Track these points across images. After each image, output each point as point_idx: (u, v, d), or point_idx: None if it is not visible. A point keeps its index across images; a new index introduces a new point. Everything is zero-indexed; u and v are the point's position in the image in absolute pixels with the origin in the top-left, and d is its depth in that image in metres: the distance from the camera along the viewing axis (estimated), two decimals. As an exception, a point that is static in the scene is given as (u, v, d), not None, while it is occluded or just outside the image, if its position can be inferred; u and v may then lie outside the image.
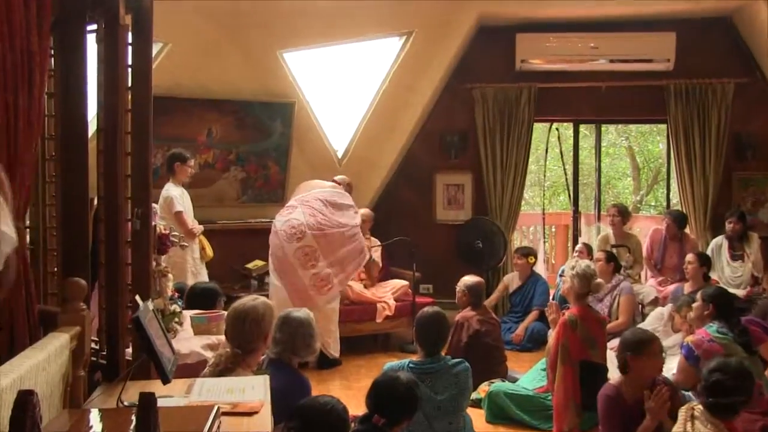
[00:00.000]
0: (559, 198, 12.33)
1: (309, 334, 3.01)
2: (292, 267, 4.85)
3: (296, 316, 3.02)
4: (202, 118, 5.85)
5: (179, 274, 4.71)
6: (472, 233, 6.43)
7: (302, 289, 4.84)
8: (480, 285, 4.69)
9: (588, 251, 5.85)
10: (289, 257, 4.85)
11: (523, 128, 6.58)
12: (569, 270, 3.83)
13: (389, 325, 5.72)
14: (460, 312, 4.64)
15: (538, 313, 5.81)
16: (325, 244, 4.87)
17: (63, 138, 2.55)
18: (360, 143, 6.59)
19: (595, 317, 3.79)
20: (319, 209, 5.02)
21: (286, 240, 4.88)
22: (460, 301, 4.69)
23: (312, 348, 3.04)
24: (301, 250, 4.87)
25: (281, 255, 4.89)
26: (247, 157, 6.19)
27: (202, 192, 5.98)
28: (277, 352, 2.97)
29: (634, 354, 3.13)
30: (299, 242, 4.87)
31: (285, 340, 2.96)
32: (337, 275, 4.91)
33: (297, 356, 3.02)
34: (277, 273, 4.92)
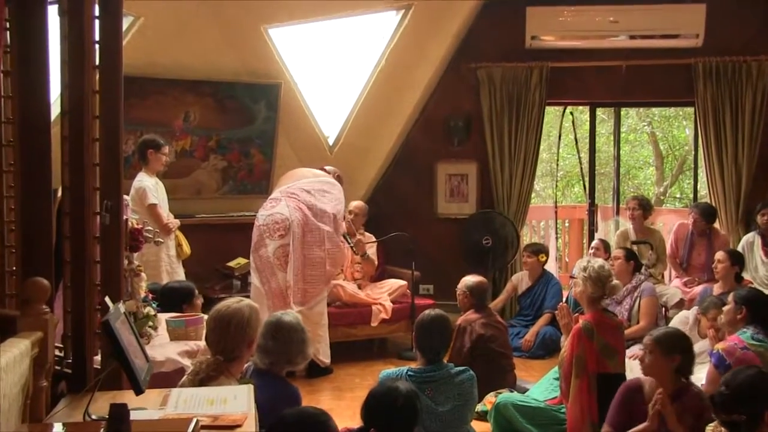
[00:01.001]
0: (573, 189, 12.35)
1: (303, 340, 3.02)
2: (272, 268, 4.85)
3: (288, 321, 3.02)
4: (178, 101, 5.82)
5: (153, 273, 4.71)
6: (478, 229, 6.43)
7: (279, 294, 4.83)
8: (482, 285, 4.69)
9: (605, 248, 5.85)
10: (270, 256, 4.85)
11: (533, 112, 6.57)
12: (581, 271, 3.78)
13: (386, 330, 5.72)
14: (462, 315, 4.64)
15: (549, 316, 5.82)
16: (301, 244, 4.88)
17: (22, 122, 2.54)
18: (353, 129, 6.57)
19: (612, 323, 3.77)
20: (305, 201, 5.01)
21: (268, 236, 4.87)
22: (462, 303, 4.69)
23: (306, 354, 3.05)
24: (282, 249, 4.87)
25: (263, 253, 4.89)
26: (228, 144, 6.17)
27: (178, 183, 5.95)
28: (270, 362, 2.96)
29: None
30: (281, 239, 4.86)
31: (279, 350, 2.96)
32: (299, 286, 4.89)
33: (292, 365, 3.02)
34: (258, 273, 4.91)
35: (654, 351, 3.19)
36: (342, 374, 5.23)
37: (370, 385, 2.97)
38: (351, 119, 6.57)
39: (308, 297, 4.90)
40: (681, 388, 3.16)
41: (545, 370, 4.77)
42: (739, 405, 2.63)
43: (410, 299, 5.73)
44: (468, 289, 4.63)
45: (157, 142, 5.04)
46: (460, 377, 3.42)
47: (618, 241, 6.10)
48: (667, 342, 3.19)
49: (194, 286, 4.19)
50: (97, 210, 2.65)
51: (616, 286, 3.78)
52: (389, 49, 6.28)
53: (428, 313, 3.58)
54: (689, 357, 3.21)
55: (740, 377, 2.71)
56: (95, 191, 2.65)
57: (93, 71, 2.63)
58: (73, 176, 2.61)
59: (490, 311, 4.74)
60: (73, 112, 2.61)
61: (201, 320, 3.48)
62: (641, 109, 11.11)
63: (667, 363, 3.16)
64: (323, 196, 5.12)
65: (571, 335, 3.69)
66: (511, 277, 6.39)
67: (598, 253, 5.68)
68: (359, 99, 6.50)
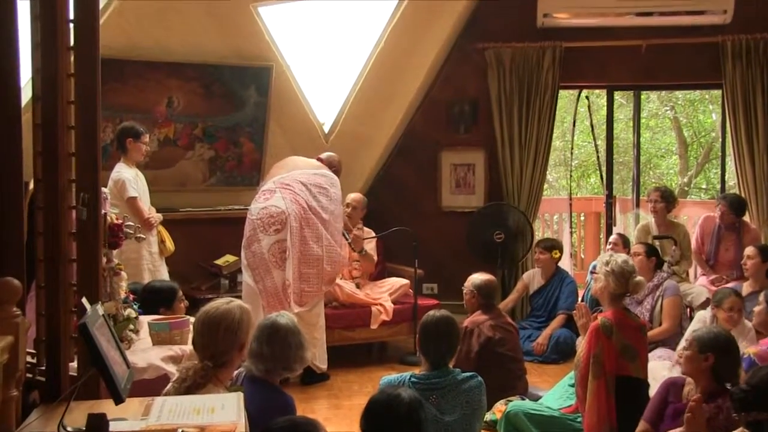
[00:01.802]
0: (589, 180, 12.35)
1: (300, 344, 3.01)
2: (266, 265, 4.83)
3: (285, 324, 3.01)
4: (160, 85, 5.81)
5: (134, 272, 4.71)
6: (488, 223, 6.43)
7: (274, 294, 4.82)
8: (491, 284, 4.68)
9: (624, 244, 5.85)
10: (264, 252, 4.83)
11: (546, 96, 6.56)
12: (603, 266, 3.81)
13: (386, 332, 5.73)
14: (469, 316, 4.64)
15: (564, 317, 5.82)
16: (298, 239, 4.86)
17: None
18: (350, 116, 6.57)
19: (633, 323, 3.78)
20: (302, 193, 4.99)
21: (262, 231, 4.86)
22: (469, 303, 4.69)
23: (304, 359, 3.05)
24: (278, 245, 4.84)
25: (257, 249, 4.87)
26: (215, 132, 6.17)
27: (161, 174, 5.95)
28: (265, 369, 2.95)
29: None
30: (277, 234, 4.84)
31: (276, 355, 2.94)
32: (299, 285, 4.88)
33: (289, 372, 3.01)
34: (250, 270, 4.89)
35: (691, 347, 3.28)
36: (339, 381, 5.23)
37: (369, 393, 2.97)
38: (348, 105, 6.56)
39: (306, 297, 4.89)
40: (717, 390, 3.19)
41: (559, 375, 4.78)
42: (760, 402, 2.65)
43: (413, 299, 5.73)
44: (475, 288, 4.62)
45: (136, 130, 5.04)
46: (468, 384, 3.42)
47: (638, 236, 6.10)
48: (703, 339, 3.24)
49: (178, 287, 4.18)
50: (72, 204, 2.64)
51: (640, 283, 3.79)
52: (389, 28, 6.26)
53: (432, 315, 3.58)
54: (728, 359, 3.25)
55: (761, 374, 2.74)
56: (71, 183, 2.64)
57: (67, 53, 2.62)
58: (46, 167, 2.60)
59: (499, 312, 4.73)
60: (45, 97, 2.60)
61: (187, 323, 3.48)
62: (663, 92, 11.08)
63: (700, 361, 3.21)
64: (320, 192, 5.10)
65: (588, 333, 3.70)
66: (522, 275, 6.39)
67: (617, 249, 5.66)
68: (357, 83, 6.49)
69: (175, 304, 4.06)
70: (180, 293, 4.15)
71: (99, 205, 2.70)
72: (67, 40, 2.61)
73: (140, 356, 3.19)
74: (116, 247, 3.33)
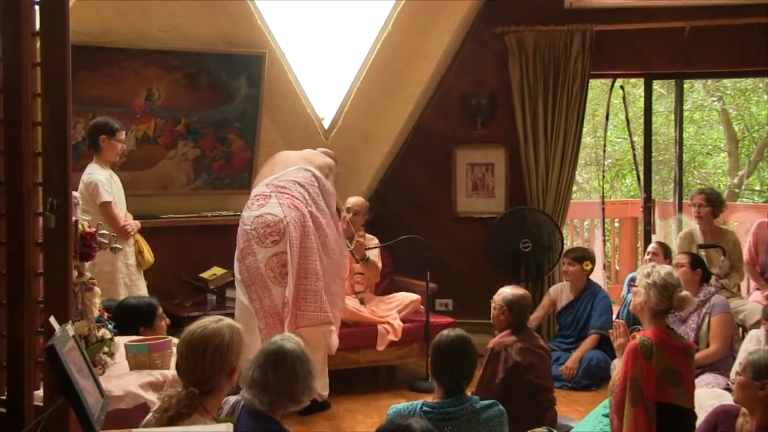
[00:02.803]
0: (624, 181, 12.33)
1: (309, 372, 2.98)
2: (264, 281, 4.79)
3: (292, 350, 2.98)
4: (138, 76, 5.82)
5: (109, 287, 4.71)
6: (512, 230, 6.42)
7: (274, 314, 4.78)
8: (525, 300, 4.63)
9: (665, 254, 5.82)
10: (261, 267, 4.80)
11: (574, 86, 6.55)
12: (643, 278, 3.79)
13: (395, 355, 5.72)
14: (496, 336, 4.61)
15: (596, 338, 5.79)
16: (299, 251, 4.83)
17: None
18: (353, 109, 6.57)
19: (677, 344, 3.75)
20: (300, 196, 4.95)
21: (257, 242, 4.83)
22: (497, 320, 4.64)
23: (313, 390, 3.02)
24: (276, 258, 4.81)
25: (252, 263, 4.84)
26: (201, 128, 6.17)
27: (139, 176, 5.96)
28: (270, 401, 2.92)
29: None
30: (275, 246, 4.80)
31: (282, 386, 2.91)
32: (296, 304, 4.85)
33: (295, 404, 2.98)
34: (245, 287, 4.86)
35: (744, 372, 3.27)
36: (341, 410, 5.22)
37: (375, 424, 2.96)
38: (351, 97, 6.56)
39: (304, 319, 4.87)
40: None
41: (592, 404, 4.75)
42: None
43: (424, 317, 5.71)
44: (506, 304, 4.57)
45: (111, 126, 5.04)
46: (487, 413, 3.40)
47: (681, 245, 6.07)
48: (759, 364, 3.22)
49: (157, 303, 4.18)
50: (39, 210, 2.64)
51: (686, 298, 3.76)
52: (397, 11, 6.27)
53: (447, 334, 3.56)
54: None
55: None
56: (36, 187, 2.64)
57: (32, 39, 2.62)
58: (9, 168, 2.61)
59: (530, 333, 4.68)
60: (8, 89, 2.60)
61: (168, 344, 3.47)
62: (709, 80, 11.05)
63: (755, 389, 3.19)
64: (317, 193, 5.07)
65: (625, 354, 3.69)
66: (549, 290, 6.37)
67: (656, 260, 5.63)
68: (360, 72, 6.49)
69: (156, 323, 4.07)
70: (160, 310, 4.15)
71: (69, 211, 2.69)
72: (32, 25, 2.62)
73: (116, 383, 3.18)
74: (89, 258, 3.32)
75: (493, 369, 4.41)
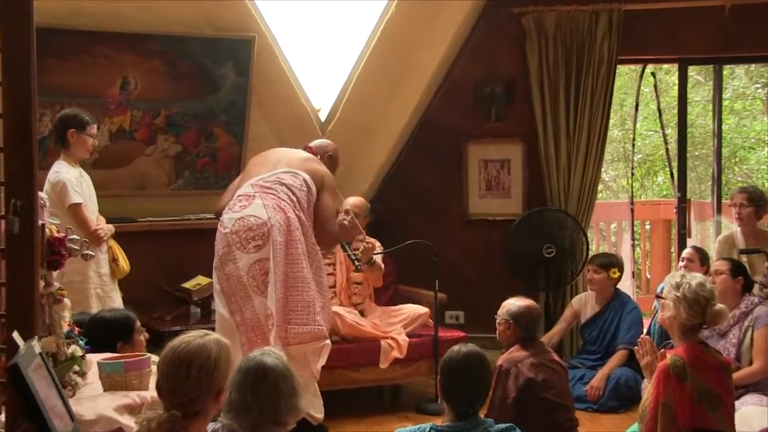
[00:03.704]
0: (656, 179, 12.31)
1: (294, 390, 2.97)
2: (245, 291, 4.77)
3: (273, 365, 2.97)
4: (112, 62, 5.82)
5: (80, 298, 4.71)
6: (532, 234, 6.41)
7: (257, 327, 4.75)
8: (532, 311, 4.65)
9: (701, 260, 5.81)
10: (243, 275, 4.77)
11: (600, 73, 6.55)
12: (672, 290, 3.78)
13: (400, 373, 5.71)
14: (504, 353, 4.62)
15: (625, 354, 5.78)
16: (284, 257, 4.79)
17: None
18: (353, 100, 6.57)
19: (714, 361, 3.74)
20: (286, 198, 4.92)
21: (239, 248, 4.81)
22: (503, 336, 4.66)
23: (299, 410, 3.01)
24: (259, 265, 4.77)
25: (232, 270, 4.82)
26: (183, 121, 6.18)
27: (113, 175, 5.97)
28: (250, 425, 2.92)
29: None
30: (258, 252, 4.78)
31: (264, 406, 2.91)
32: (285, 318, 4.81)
33: (279, 426, 2.98)
34: (224, 298, 4.84)
35: None
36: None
37: (378, 451, 2.95)
38: (350, 86, 6.56)
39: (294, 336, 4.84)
40: None
41: (620, 427, 4.75)
42: None
43: (433, 331, 5.70)
44: (511, 317, 4.59)
45: (81, 119, 5.04)
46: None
47: (720, 249, 6.05)
48: None
49: (134, 316, 4.17)
50: (1, 213, 2.63)
51: (721, 311, 3.75)
52: (401, -11, 6.28)
53: (458, 351, 3.56)
54: None
55: None
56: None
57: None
58: (-34, 166, 2.60)
59: (542, 347, 4.70)
60: (-36, 77, 2.59)
61: (147, 362, 3.46)
62: (752, 65, 11.02)
63: None
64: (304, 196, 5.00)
65: (655, 376, 3.67)
66: (571, 301, 6.36)
67: (692, 267, 5.63)
68: (361, 59, 6.49)
69: (135, 337, 4.07)
70: (138, 323, 4.15)
71: (35, 214, 2.69)
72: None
73: (88, 405, 3.16)
74: (57, 267, 3.32)
75: (504, 388, 4.41)
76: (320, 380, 4.94)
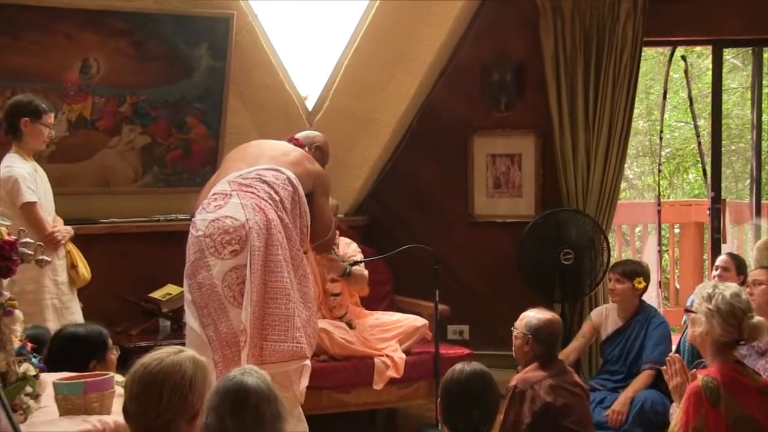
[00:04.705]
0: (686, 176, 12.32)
1: (278, 414, 2.99)
2: (220, 302, 4.75)
3: (255, 386, 2.98)
4: (71, 42, 5.82)
5: (34, 310, 4.70)
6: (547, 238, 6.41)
7: (233, 343, 4.74)
8: (554, 326, 4.65)
9: (738, 269, 5.82)
10: (217, 284, 4.76)
11: (624, 57, 6.55)
12: (703, 302, 3.78)
13: (396, 395, 5.70)
14: (520, 371, 4.62)
15: (652, 374, 5.77)
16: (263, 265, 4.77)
17: None
18: (344, 86, 6.59)
19: (752, 383, 3.74)
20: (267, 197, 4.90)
21: (213, 253, 4.80)
22: (520, 352, 4.66)
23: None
24: (236, 273, 4.76)
25: (205, 278, 4.81)
26: (151, 109, 6.18)
27: (72, 169, 5.98)
28: None
29: None
30: (235, 258, 4.77)
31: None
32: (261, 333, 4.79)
33: None
34: (196, 309, 4.83)
35: None
36: (328, 465, 5.24)
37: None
38: (341, 71, 6.58)
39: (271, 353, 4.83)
40: None
41: (645, 458, 4.75)
42: None
43: (433, 348, 5.70)
44: (531, 332, 4.59)
45: (36, 106, 5.03)
46: (513, 470, 3.40)
47: (759, 257, 6.06)
48: None
49: (107, 333, 4.16)
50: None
51: (760, 326, 3.75)
52: (399, -40, 6.29)
53: (461, 369, 3.57)
54: None
55: None
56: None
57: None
58: None
59: (563, 367, 4.71)
60: None
61: (109, 383, 3.45)
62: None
63: None
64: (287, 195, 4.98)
65: (685, 399, 3.67)
66: (590, 314, 6.35)
67: (727, 276, 5.64)
68: (353, 40, 6.51)
69: (108, 355, 4.05)
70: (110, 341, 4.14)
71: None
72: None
73: (43, 430, 3.16)
74: (8, 274, 3.32)
75: (517, 413, 4.42)
76: (305, 403, 4.94)
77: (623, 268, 6.15)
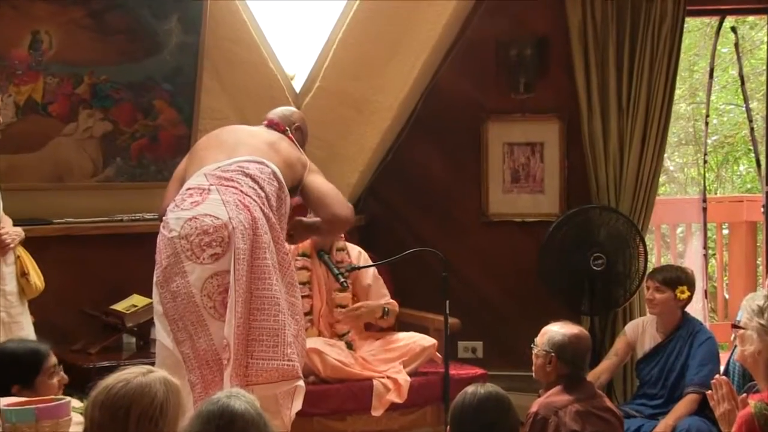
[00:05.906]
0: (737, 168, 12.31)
1: None
2: (198, 314, 4.76)
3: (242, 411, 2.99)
4: (19, 13, 5.81)
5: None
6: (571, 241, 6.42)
7: (213, 362, 4.75)
8: (581, 342, 4.67)
9: (796, 275, 5.85)
10: (195, 294, 4.77)
11: (663, 30, 6.56)
12: (753, 316, 3.79)
13: (399, 422, 5.73)
14: (541, 395, 4.64)
15: (696, 398, 5.78)
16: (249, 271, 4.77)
17: None
18: (337, 64, 6.61)
19: (811, 410, 3.76)
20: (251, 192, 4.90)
21: (191, 257, 4.81)
22: (542, 373, 4.68)
23: None
24: (218, 280, 4.77)
25: (181, 287, 4.83)
26: (113, 91, 6.18)
27: (22, 161, 5.98)
28: None
29: None
30: (215, 263, 4.78)
31: None
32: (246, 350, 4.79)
33: None
34: (169, 323, 4.85)
35: None
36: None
37: None
38: (333, 48, 6.59)
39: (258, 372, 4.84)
40: None
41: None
42: None
43: (442, 368, 5.72)
44: (554, 349, 4.61)
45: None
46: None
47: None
48: None
49: (46, 352, 4.15)
50: None
51: (822, 345, 3.77)
52: None
53: (474, 392, 3.59)
54: None
55: None
56: None
57: None
58: None
59: (591, 390, 4.73)
60: None
61: (66, 408, 3.46)
62: None
63: None
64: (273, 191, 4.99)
65: (735, 428, 3.67)
66: (624, 328, 6.36)
67: (783, 284, 5.66)
68: (346, 13, 6.52)
69: (39, 381, 4.03)
70: (50, 361, 4.12)
71: None
72: None
73: (-14, 464, 3.19)
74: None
75: (541, 442, 4.44)
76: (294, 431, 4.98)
77: (663, 275, 6.15)
